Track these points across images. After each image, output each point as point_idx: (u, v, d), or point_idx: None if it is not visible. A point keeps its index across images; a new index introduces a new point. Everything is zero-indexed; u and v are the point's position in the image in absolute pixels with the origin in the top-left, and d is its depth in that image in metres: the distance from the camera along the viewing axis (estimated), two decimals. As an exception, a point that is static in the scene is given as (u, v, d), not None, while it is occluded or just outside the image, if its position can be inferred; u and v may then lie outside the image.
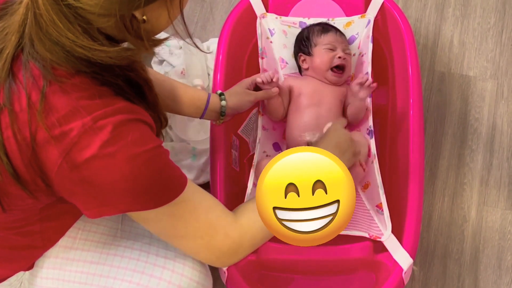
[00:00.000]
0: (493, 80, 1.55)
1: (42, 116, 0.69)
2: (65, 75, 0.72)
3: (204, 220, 0.85)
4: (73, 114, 0.70)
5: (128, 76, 0.77)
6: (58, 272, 0.98)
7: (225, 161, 1.21)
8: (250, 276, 1.11)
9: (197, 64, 1.53)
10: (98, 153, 0.70)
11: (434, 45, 1.60)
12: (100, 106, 0.72)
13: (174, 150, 1.45)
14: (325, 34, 1.33)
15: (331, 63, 1.29)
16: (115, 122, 0.71)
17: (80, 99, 0.71)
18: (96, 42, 0.69)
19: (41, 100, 0.70)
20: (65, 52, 0.69)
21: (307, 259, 1.12)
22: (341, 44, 1.32)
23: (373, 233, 1.12)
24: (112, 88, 0.75)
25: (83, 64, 0.71)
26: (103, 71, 0.73)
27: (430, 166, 1.46)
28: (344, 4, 1.41)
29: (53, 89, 0.70)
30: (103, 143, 0.70)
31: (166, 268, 0.95)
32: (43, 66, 0.71)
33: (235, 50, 1.33)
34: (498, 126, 1.50)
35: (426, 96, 1.53)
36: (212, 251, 0.88)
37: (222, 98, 1.16)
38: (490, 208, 1.42)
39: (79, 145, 0.70)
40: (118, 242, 0.99)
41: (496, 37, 1.60)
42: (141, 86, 0.80)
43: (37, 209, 0.84)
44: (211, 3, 1.70)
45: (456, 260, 1.37)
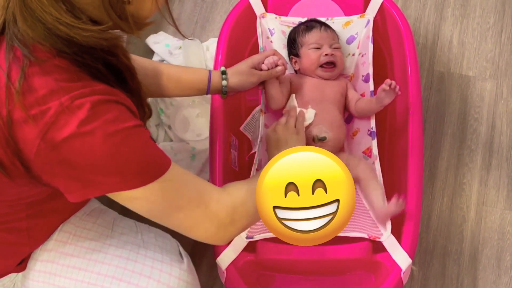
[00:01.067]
0: (492, 80, 1.55)
1: (20, 95, 0.69)
2: (46, 57, 0.71)
3: (195, 190, 0.84)
4: (51, 94, 0.70)
5: (109, 60, 0.77)
6: (49, 276, 0.98)
7: (224, 161, 1.21)
8: (249, 276, 1.11)
9: (196, 64, 1.53)
10: (76, 131, 0.69)
11: (434, 45, 1.60)
12: (79, 87, 0.71)
13: (173, 150, 1.45)
14: (309, 33, 1.33)
15: (319, 62, 1.30)
16: (93, 101, 0.71)
17: (60, 81, 0.71)
18: (79, 20, 0.69)
19: (20, 79, 0.69)
20: (47, 30, 0.69)
21: (306, 259, 1.12)
22: (326, 39, 1.32)
23: (372, 234, 1.12)
24: (92, 72, 0.74)
25: (64, 44, 0.70)
26: (84, 53, 0.73)
27: (429, 166, 1.46)
28: (344, 4, 1.41)
29: (33, 70, 0.70)
30: (81, 122, 0.70)
31: (151, 278, 0.96)
32: (25, 46, 0.70)
33: (234, 50, 1.33)
34: (497, 126, 1.50)
35: (425, 96, 1.53)
36: (211, 219, 0.85)
37: (224, 77, 1.15)
38: (489, 208, 1.42)
39: (56, 124, 0.69)
40: (106, 249, 0.99)
41: (495, 37, 1.60)
42: (122, 72, 0.80)
43: (24, 204, 0.84)
44: (210, 3, 1.70)
45: (455, 260, 1.37)
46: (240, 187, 0.90)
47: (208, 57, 1.55)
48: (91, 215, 1.04)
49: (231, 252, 1.10)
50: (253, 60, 1.20)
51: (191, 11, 1.69)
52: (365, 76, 1.32)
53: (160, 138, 1.50)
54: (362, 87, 1.33)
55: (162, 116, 1.50)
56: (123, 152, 0.73)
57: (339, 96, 1.31)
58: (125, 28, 0.74)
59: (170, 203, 0.81)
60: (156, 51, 1.59)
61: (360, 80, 1.34)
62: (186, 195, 0.83)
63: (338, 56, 1.32)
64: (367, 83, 1.30)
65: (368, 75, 1.30)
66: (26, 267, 0.98)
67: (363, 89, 1.32)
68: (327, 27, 1.35)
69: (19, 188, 0.79)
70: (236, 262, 1.10)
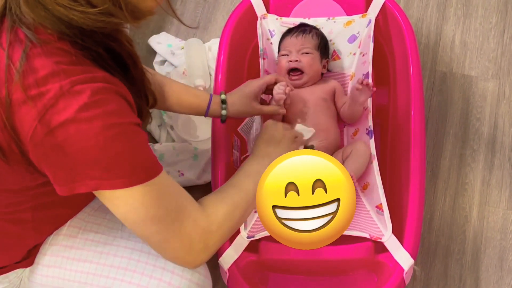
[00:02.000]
0: (494, 80, 1.55)
1: (21, 76, 0.69)
2: (49, 39, 0.71)
3: (175, 204, 0.82)
4: (52, 76, 0.69)
5: (110, 45, 0.76)
6: (59, 270, 0.98)
7: (227, 161, 1.21)
8: (251, 276, 1.11)
9: (198, 64, 1.53)
10: (75, 116, 0.69)
11: (436, 45, 1.60)
12: (79, 72, 0.71)
13: (175, 150, 1.45)
14: (283, 40, 1.36)
15: (287, 68, 1.31)
16: (93, 88, 0.70)
17: (60, 64, 0.70)
18: (76, 2, 0.69)
19: (21, 60, 0.69)
20: (46, 11, 0.69)
21: (308, 259, 1.12)
22: (295, 45, 1.32)
23: (373, 234, 1.12)
24: (93, 56, 0.74)
25: (65, 25, 0.70)
26: (84, 35, 0.72)
27: (432, 166, 1.46)
28: (345, 4, 1.41)
29: (35, 52, 0.70)
30: (81, 107, 0.69)
31: (166, 270, 0.95)
32: (28, 28, 0.70)
33: (236, 50, 1.34)
34: (500, 126, 1.50)
35: (427, 96, 1.53)
36: (182, 240, 0.83)
37: (223, 107, 1.14)
38: (491, 208, 1.42)
39: (55, 108, 0.69)
40: (118, 242, 0.99)
41: (497, 37, 1.60)
42: (123, 58, 0.79)
43: (28, 195, 0.84)
44: (212, 4, 1.70)
45: (458, 260, 1.37)
46: (220, 208, 0.88)
47: (210, 57, 1.56)
48: (100, 210, 1.03)
49: (233, 252, 1.10)
50: (254, 89, 1.16)
51: (193, 11, 1.69)
52: (365, 75, 1.32)
53: (163, 138, 1.50)
54: (362, 86, 1.33)
55: (165, 116, 1.50)
56: (116, 147, 0.72)
57: (321, 101, 1.31)
58: (120, 16, 0.72)
59: (147, 210, 0.78)
60: (158, 51, 1.60)
61: (360, 79, 1.34)
62: (164, 207, 0.80)
63: (305, 61, 1.31)
64: (367, 82, 1.30)
65: (367, 74, 1.30)
66: (34, 262, 0.98)
67: (363, 88, 1.32)
68: (300, 33, 1.34)
69: (19, 177, 0.78)
70: (238, 262, 1.10)
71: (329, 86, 1.34)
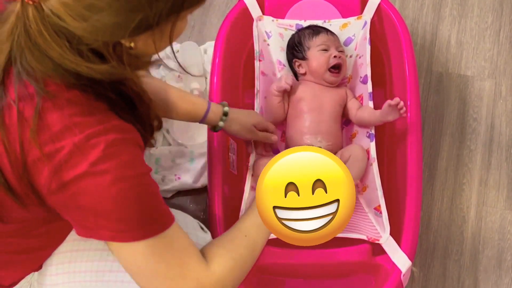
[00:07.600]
0: (491, 80, 1.55)
1: (35, 133, 0.69)
2: (58, 91, 0.71)
3: (179, 260, 0.80)
4: (65, 131, 0.69)
5: (119, 89, 0.76)
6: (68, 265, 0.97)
7: (223, 164, 1.21)
8: (249, 281, 1.10)
9: (194, 67, 1.52)
10: (88, 170, 0.69)
11: (432, 45, 1.60)
12: (93, 124, 0.71)
13: (171, 154, 1.44)
14: (317, 36, 1.33)
15: (328, 63, 1.29)
16: (107, 141, 0.70)
17: (73, 116, 0.70)
18: (83, 58, 0.68)
19: (35, 118, 0.69)
20: (54, 64, 0.68)
21: (306, 263, 1.11)
22: (334, 43, 1.32)
23: (371, 236, 1.11)
24: (105, 102, 0.74)
25: (73, 76, 0.70)
26: (94, 84, 0.72)
27: (429, 167, 1.46)
28: (341, 6, 1.41)
29: (46, 106, 0.70)
30: (94, 161, 0.69)
31: None
32: (36, 81, 0.70)
33: (231, 53, 1.33)
34: (497, 126, 1.50)
35: (423, 97, 1.53)
36: None
37: (224, 119, 1.13)
38: (489, 209, 1.41)
39: (69, 163, 0.69)
40: None
41: (493, 37, 1.60)
42: (131, 99, 0.79)
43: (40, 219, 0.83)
44: (207, 6, 1.69)
45: (456, 261, 1.37)
46: (226, 264, 0.84)
47: (206, 60, 1.55)
48: None
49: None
50: (258, 120, 1.19)
51: (188, 14, 1.68)
52: (363, 78, 1.32)
53: (159, 142, 1.50)
54: (360, 89, 1.33)
55: (160, 120, 1.50)
56: (130, 199, 0.72)
57: (338, 107, 1.30)
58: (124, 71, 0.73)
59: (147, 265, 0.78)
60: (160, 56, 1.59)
61: (358, 82, 1.34)
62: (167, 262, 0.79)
63: (344, 60, 1.32)
64: (365, 84, 1.29)
65: (366, 76, 1.30)
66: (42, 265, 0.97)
67: (361, 91, 1.32)
68: (332, 33, 1.35)
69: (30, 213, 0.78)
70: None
71: (342, 91, 1.32)
